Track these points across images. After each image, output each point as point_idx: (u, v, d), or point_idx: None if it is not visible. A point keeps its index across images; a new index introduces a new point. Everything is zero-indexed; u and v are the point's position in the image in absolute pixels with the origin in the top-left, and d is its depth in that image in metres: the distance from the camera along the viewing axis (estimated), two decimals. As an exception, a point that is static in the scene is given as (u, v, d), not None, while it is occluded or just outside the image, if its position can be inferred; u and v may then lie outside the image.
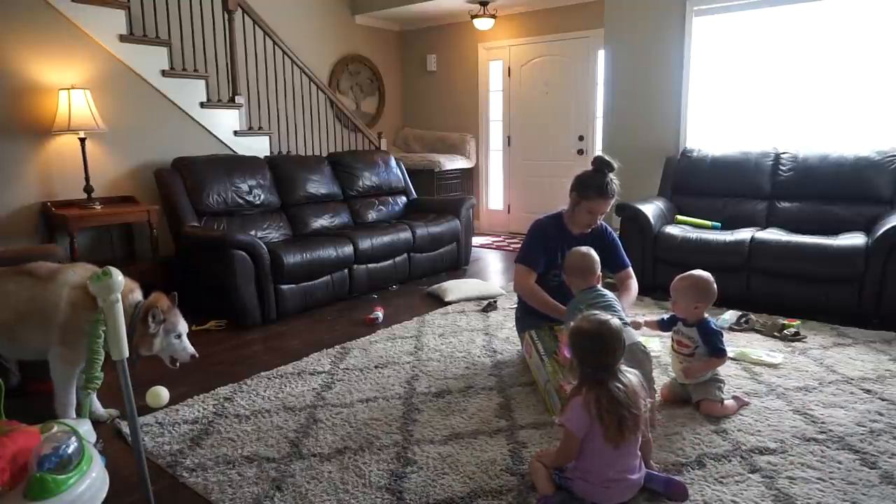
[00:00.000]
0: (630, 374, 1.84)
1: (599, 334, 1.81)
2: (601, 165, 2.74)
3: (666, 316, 2.65)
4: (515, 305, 3.19)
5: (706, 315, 2.50)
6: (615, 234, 3.02)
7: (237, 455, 2.18)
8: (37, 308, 2.22)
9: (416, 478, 2.01)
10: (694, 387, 2.46)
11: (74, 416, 2.32)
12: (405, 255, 4.75)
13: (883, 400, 2.51)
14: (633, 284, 2.91)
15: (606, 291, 2.57)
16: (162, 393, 2.65)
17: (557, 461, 1.87)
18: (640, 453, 1.86)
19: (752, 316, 3.49)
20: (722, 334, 2.49)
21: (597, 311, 1.96)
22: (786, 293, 3.69)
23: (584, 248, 2.63)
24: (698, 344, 2.46)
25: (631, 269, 2.99)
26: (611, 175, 2.73)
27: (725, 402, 2.43)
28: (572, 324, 1.95)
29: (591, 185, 2.73)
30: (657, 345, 3.13)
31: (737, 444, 2.17)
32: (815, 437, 2.21)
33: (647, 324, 2.71)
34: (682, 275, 2.53)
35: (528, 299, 2.88)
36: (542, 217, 2.99)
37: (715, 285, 2.49)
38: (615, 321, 1.86)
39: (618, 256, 2.97)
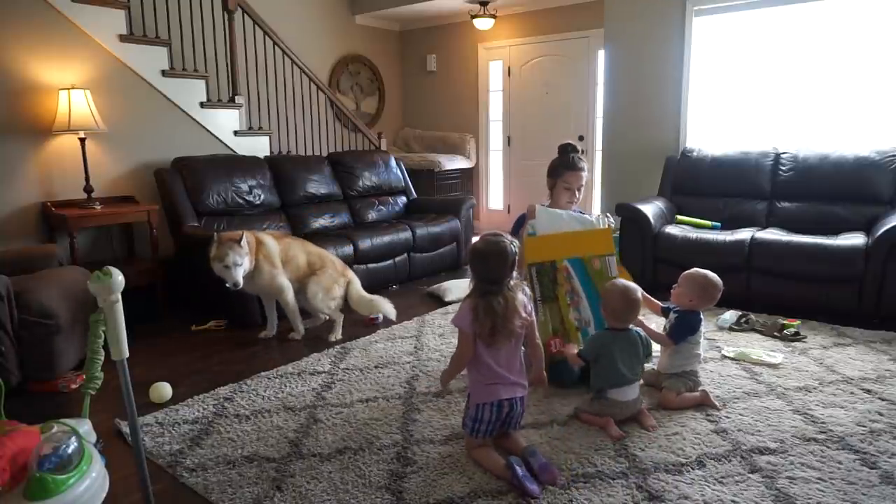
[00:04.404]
0: (519, 294, 2.07)
1: (487, 254, 2.05)
2: (565, 148, 3.02)
3: (670, 305, 2.71)
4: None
5: (700, 314, 2.58)
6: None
7: (237, 455, 2.19)
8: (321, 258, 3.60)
9: (416, 478, 2.01)
10: (666, 377, 2.55)
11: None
12: (405, 255, 4.75)
13: (883, 400, 2.51)
14: None
15: (639, 334, 2.42)
16: (165, 389, 2.67)
17: (455, 365, 2.16)
18: (522, 361, 2.13)
19: (752, 316, 3.49)
20: (693, 332, 2.55)
21: (496, 232, 2.13)
22: (786, 293, 3.69)
23: (623, 285, 2.43)
24: (667, 328, 2.62)
25: None
26: (576, 155, 2.99)
27: (685, 394, 2.47)
28: (472, 242, 2.14)
29: (559, 164, 3.00)
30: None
31: (737, 444, 2.17)
32: (815, 437, 2.21)
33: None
34: (698, 269, 2.65)
35: None
36: (525, 213, 3.03)
37: (718, 291, 2.58)
38: (508, 245, 2.05)
39: None
